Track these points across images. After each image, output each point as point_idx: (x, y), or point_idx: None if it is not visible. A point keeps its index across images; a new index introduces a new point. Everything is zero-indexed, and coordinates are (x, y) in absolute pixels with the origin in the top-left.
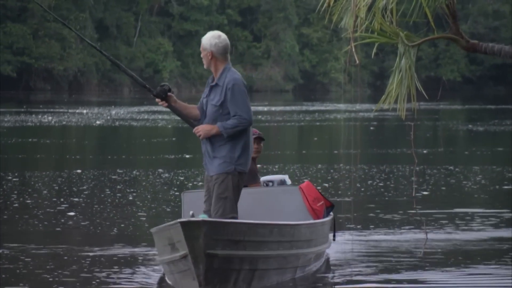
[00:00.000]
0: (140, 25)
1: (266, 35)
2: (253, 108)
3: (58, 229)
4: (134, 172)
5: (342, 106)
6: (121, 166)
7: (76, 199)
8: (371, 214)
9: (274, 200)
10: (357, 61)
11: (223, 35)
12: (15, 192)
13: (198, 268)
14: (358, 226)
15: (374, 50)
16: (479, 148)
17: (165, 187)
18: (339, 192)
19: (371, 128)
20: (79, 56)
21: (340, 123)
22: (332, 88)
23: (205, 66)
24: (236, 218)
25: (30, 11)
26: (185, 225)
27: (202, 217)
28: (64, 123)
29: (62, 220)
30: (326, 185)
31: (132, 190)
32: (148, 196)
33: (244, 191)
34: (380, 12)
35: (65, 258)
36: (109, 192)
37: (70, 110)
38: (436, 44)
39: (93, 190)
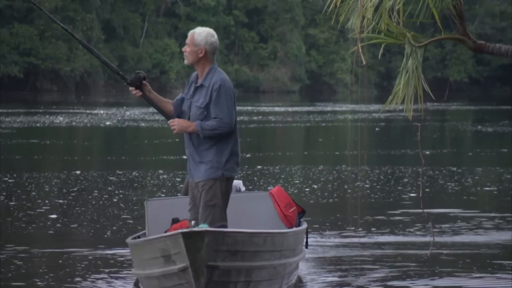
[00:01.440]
0: (147, 26)
1: (272, 36)
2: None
3: (39, 231)
4: (134, 173)
5: (348, 106)
6: (121, 167)
7: (60, 201)
8: (377, 216)
9: (244, 207)
10: (364, 62)
11: (216, 35)
12: (4, 193)
13: (199, 281)
14: (360, 229)
15: (381, 50)
16: (486, 149)
17: (155, 189)
18: (344, 193)
19: (376, 129)
20: (86, 57)
21: (346, 124)
22: (338, 88)
23: (188, 62)
24: (226, 226)
25: (37, 12)
26: (188, 236)
27: (202, 227)
28: (74, 123)
29: (41, 224)
30: (330, 186)
31: (121, 191)
32: (134, 199)
33: None
34: (387, 13)
35: (43, 259)
36: (96, 194)
37: (87, 111)
38: (443, 45)
39: (81, 192)
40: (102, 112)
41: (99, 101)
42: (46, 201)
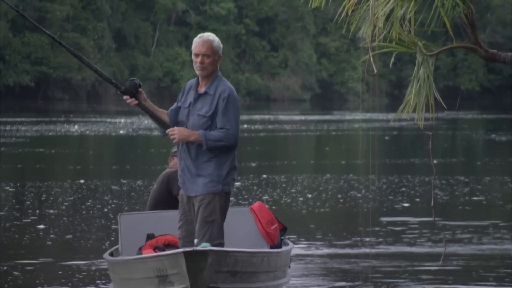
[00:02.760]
0: (158, 35)
1: (283, 44)
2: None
3: (26, 242)
4: (138, 182)
5: (360, 115)
6: (126, 176)
7: (51, 211)
8: (388, 226)
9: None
10: (375, 71)
11: None
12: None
13: None
14: (368, 239)
15: (392, 59)
16: (498, 158)
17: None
18: (354, 202)
19: (386, 137)
20: (97, 65)
21: (357, 132)
22: (349, 97)
23: (207, 73)
24: (223, 244)
25: (48, 21)
26: (190, 256)
27: (204, 246)
28: (87, 132)
29: (28, 235)
30: (339, 195)
31: (117, 201)
32: (125, 208)
33: None
34: (398, 22)
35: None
36: (89, 203)
37: (99, 119)
38: (454, 54)
39: (75, 202)
40: (114, 120)
41: (111, 110)
42: (37, 211)
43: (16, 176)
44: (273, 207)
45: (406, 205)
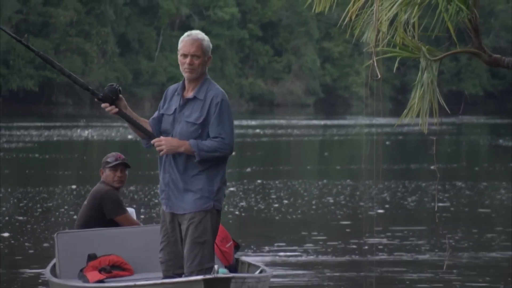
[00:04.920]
0: (162, 40)
1: (287, 49)
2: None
3: None
4: (131, 187)
5: (363, 120)
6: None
7: (20, 218)
8: (391, 233)
9: None
10: (379, 76)
11: None
12: None
13: None
14: (375, 244)
15: (396, 64)
16: (502, 163)
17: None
18: (357, 208)
19: (387, 142)
20: (101, 70)
21: (361, 137)
22: (353, 102)
23: (196, 76)
24: (214, 268)
25: (52, 25)
26: (211, 284)
27: (222, 272)
28: (89, 137)
29: None
30: (342, 202)
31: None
32: None
33: (133, 230)
34: (402, 27)
35: None
36: (64, 210)
37: (103, 124)
38: (458, 58)
39: (50, 208)
40: (116, 125)
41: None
42: (6, 218)
43: (10, 181)
44: (274, 213)
45: (409, 210)
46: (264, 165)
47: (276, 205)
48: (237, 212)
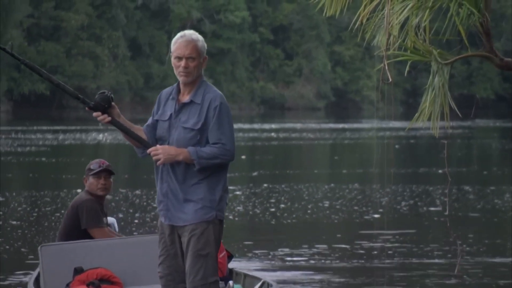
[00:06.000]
0: None
1: (298, 53)
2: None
3: None
4: (137, 191)
5: (374, 124)
6: (125, 186)
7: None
8: (402, 237)
9: None
10: (390, 79)
11: None
12: None
13: None
14: (387, 248)
15: (407, 68)
16: None
17: (131, 210)
18: (368, 211)
19: (396, 146)
20: (112, 74)
21: (372, 141)
22: (364, 105)
23: (192, 79)
24: (218, 282)
25: (63, 29)
26: None
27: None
28: (100, 141)
29: None
30: (353, 205)
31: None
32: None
33: (121, 241)
34: (413, 30)
35: None
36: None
37: (113, 128)
38: (469, 62)
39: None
40: None
41: (125, 118)
42: (0, 223)
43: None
44: (278, 217)
45: (419, 214)
46: (272, 169)
47: (280, 209)
48: (238, 217)
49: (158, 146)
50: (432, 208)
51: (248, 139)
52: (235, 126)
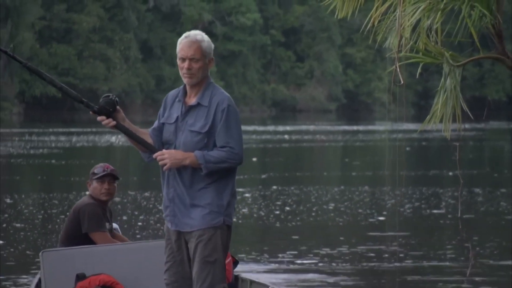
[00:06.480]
0: None
1: (309, 55)
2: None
3: None
4: (146, 194)
5: (385, 126)
6: (134, 188)
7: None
8: (414, 240)
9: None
10: (402, 81)
11: None
12: None
13: None
14: (398, 250)
15: (419, 70)
16: None
17: (136, 212)
18: (379, 214)
19: (407, 148)
20: (124, 76)
21: (382, 143)
22: (375, 108)
23: (197, 81)
24: None
25: (75, 32)
26: None
27: None
28: (112, 143)
29: None
30: (365, 207)
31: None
32: (124, 219)
33: (124, 247)
34: (425, 32)
35: None
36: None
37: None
38: (481, 64)
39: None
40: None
41: (136, 120)
42: (4, 225)
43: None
44: (289, 218)
45: (431, 216)
46: (282, 171)
47: (285, 212)
48: (245, 219)
49: (164, 150)
50: (443, 211)
51: (259, 141)
52: (246, 128)
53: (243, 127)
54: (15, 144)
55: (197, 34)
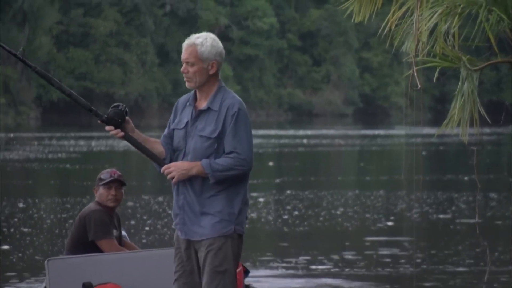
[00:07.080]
0: None
1: (326, 59)
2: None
3: None
4: (159, 198)
5: (403, 130)
6: (147, 193)
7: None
8: (431, 244)
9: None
10: (419, 86)
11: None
12: None
13: None
14: (416, 255)
15: (436, 74)
16: None
17: (143, 217)
18: (397, 218)
19: (423, 152)
20: (140, 80)
21: (399, 147)
22: (392, 112)
23: (195, 86)
24: None
25: (92, 36)
26: None
27: None
28: (126, 148)
29: None
30: (382, 212)
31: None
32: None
33: (132, 255)
34: (442, 36)
35: None
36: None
37: (152, 133)
38: (498, 68)
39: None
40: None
41: (153, 125)
42: (12, 230)
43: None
44: (297, 223)
45: (448, 221)
46: (297, 176)
47: (294, 216)
48: (256, 223)
49: (170, 163)
50: (460, 215)
51: (276, 146)
52: (261, 132)
53: (260, 131)
54: (34, 148)
55: (199, 36)
